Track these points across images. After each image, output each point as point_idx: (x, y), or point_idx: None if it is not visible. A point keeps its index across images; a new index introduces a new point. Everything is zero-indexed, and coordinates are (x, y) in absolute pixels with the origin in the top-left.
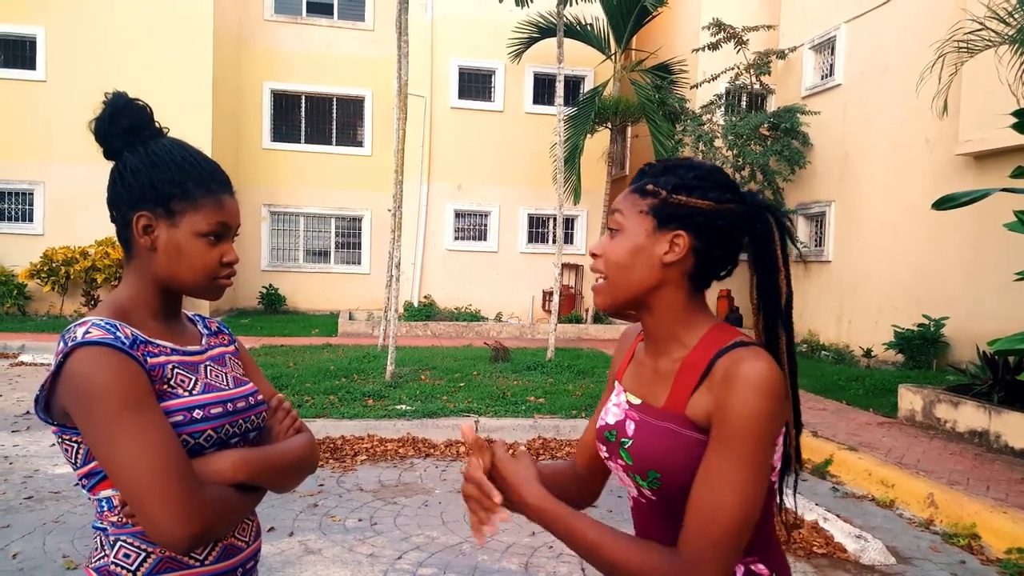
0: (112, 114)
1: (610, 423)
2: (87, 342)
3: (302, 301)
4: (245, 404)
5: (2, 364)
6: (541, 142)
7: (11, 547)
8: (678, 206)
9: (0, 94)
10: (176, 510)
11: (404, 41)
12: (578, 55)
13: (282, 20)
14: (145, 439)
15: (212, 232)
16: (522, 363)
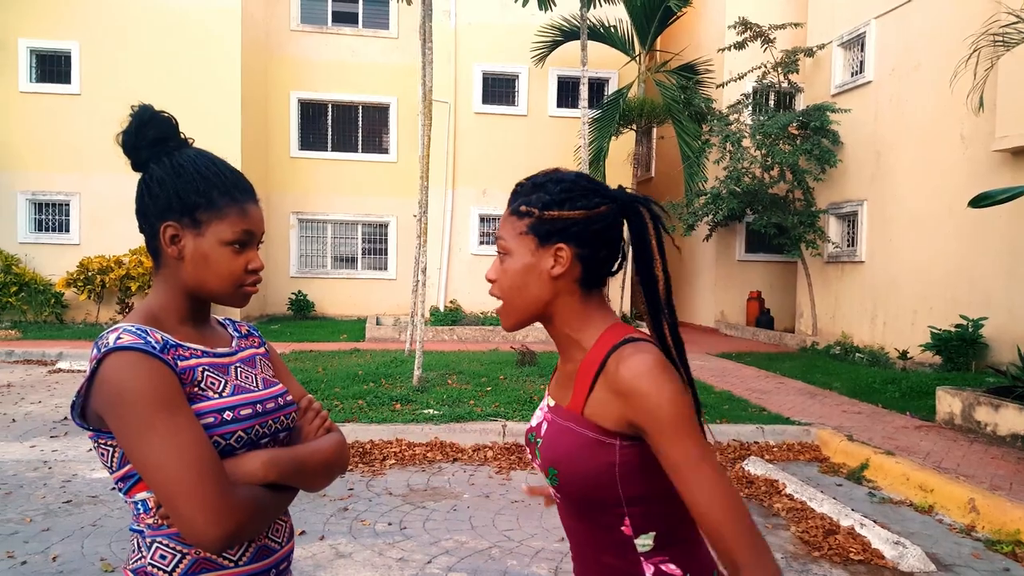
0: (139, 126)
1: (532, 426)
2: (119, 347)
3: (330, 307)
4: (274, 405)
5: (40, 371)
6: (565, 145)
7: (51, 550)
8: (553, 221)
9: (38, 108)
10: (209, 510)
11: (428, 48)
12: (602, 57)
13: (308, 30)
14: (177, 441)
15: (237, 240)
16: (549, 367)
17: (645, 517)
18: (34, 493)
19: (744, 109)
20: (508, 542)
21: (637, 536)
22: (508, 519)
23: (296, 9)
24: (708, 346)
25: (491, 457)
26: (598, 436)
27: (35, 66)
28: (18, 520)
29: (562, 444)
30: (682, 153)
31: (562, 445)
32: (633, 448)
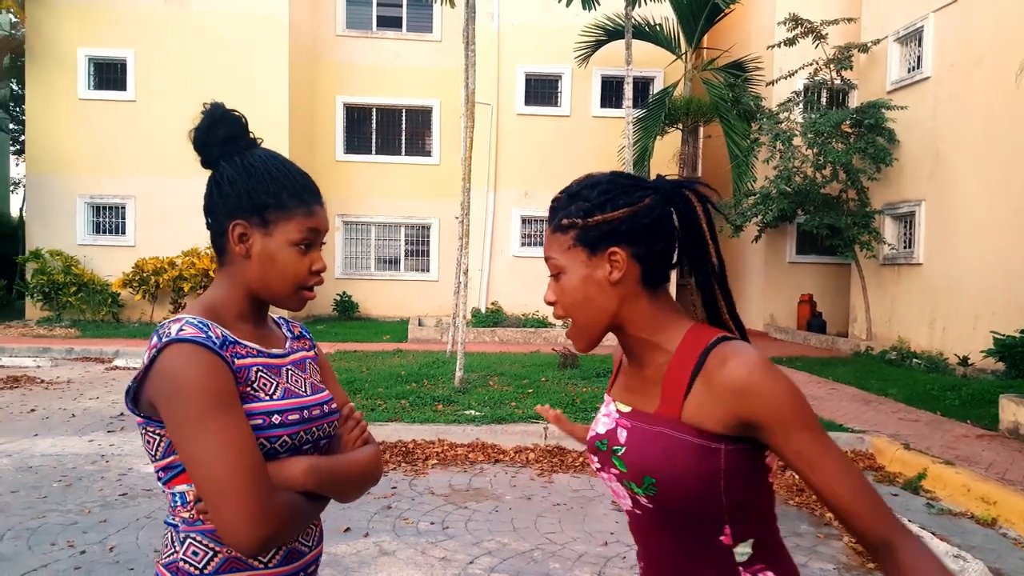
0: (210, 124)
1: (600, 433)
2: (180, 339)
3: (374, 308)
4: (320, 412)
5: (98, 368)
6: (609, 146)
7: (108, 540)
8: (599, 226)
9: (95, 114)
10: (249, 513)
11: (471, 51)
12: (647, 56)
13: (353, 35)
14: (226, 439)
15: (304, 241)
16: (591, 370)
17: (745, 524)
18: (92, 485)
19: (795, 107)
20: (550, 545)
21: (736, 545)
22: (550, 522)
23: (341, 15)
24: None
25: (533, 459)
26: (702, 441)
27: (93, 74)
28: (77, 511)
29: (658, 451)
30: (730, 152)
31: (658, 452)
32: (738, 452)
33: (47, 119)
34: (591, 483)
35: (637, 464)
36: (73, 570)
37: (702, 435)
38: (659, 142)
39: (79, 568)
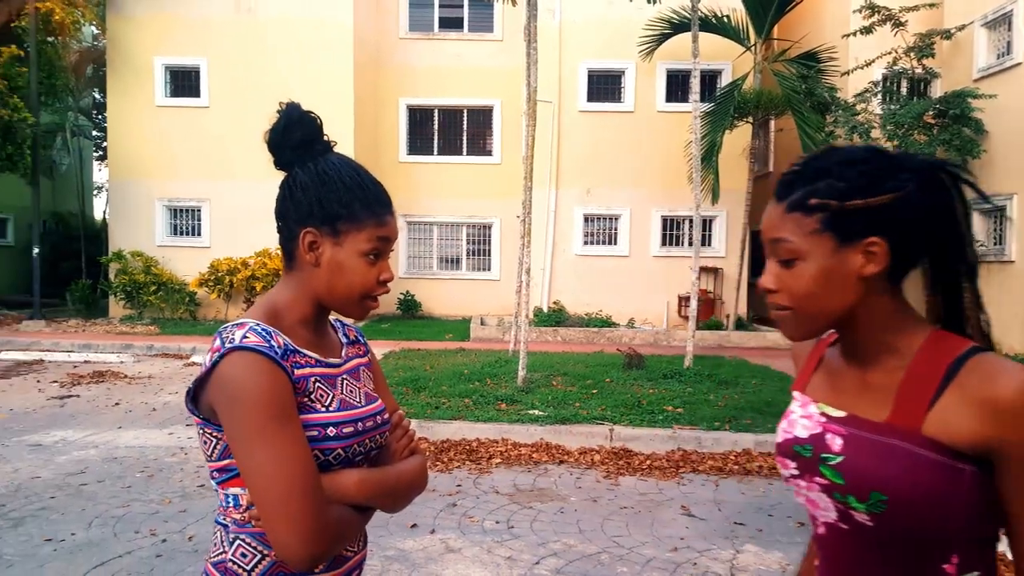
0: (286, 125)
1: (801, 436)
2: (243, 347)
3: (436, 307)
4: (372, 424)
5: (176, 364)
6: (675, 141)
7: (187, 530)
8: (858, 212)
9: (172, 120)
10: (302, 530)
11: (533, 48)
12: (714, 48)
13: (416, 37)
14: (284, 453)
15: (373, 251)
16: (657, 371)
17: (971, 554)
18: (172, 476)
19: (872, 98)
20: (617, 548)
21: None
22: (617, 525)
23: (404, 18)
24: None
25: (598, 461)
26: (946, 459)
27: (168, 82)
28: (159, 501)
29: (894, 466)
30: (803, 146)
31: (894, 468)
32: (984, 476)
33: (127, 126)
34: (659, 486)
35: (861, 477)
36: (155, 557)
37: (945, 452)
38: (728, 136)
39: (160, 556)
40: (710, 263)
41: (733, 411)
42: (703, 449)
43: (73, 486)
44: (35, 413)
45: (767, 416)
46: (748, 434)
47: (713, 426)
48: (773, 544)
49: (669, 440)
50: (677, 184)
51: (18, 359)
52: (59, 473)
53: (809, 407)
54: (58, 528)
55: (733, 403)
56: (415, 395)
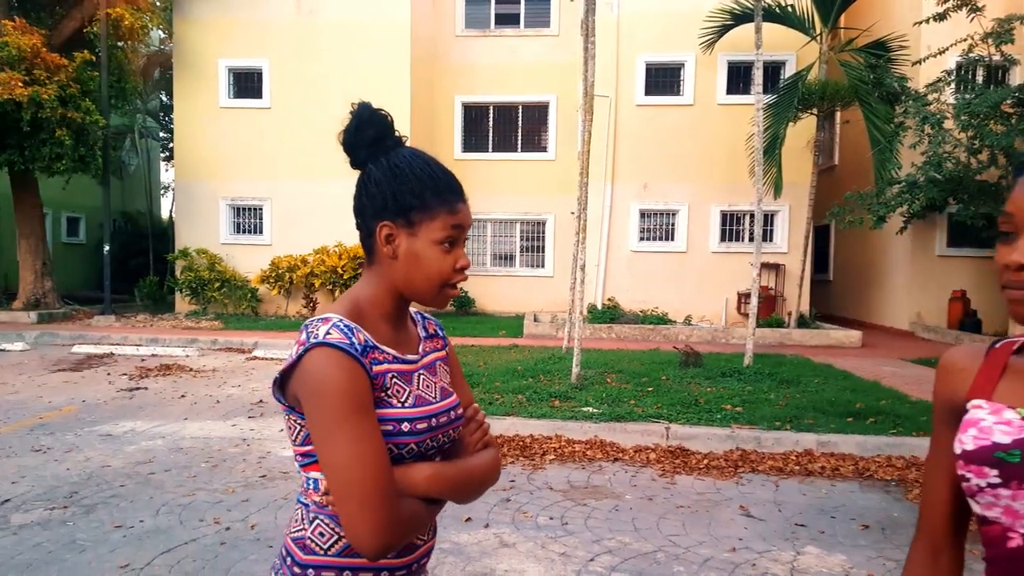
0: (358, 125)
1: (1002, 443)
2: (326, 343)
3: (489, 303)
4: (447, 419)
5: (239, 358)
6: (735, 134)
7: (250, 519)
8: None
9: (235, 121)
10: (374, 521)
11: (591, 43)
12: (777, 39)
13: (472, 35)
14: (359, 446)
15: (447, 238)
16: (715, 369)
17: None
18: (235, 467)
19: (945, 87)
20: (674, 547)
21: None
22: (673, 524)
23: (460, 16)
24: (902, 351)
25: (654, 459)
26: None
27: (232, 83)
28: (222, 490)
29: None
30: (871, 138)
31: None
32: None
33: (192, 127)
34: (716, 486)
35: None
36: (219, 545)
37: None
38: (791, 129)
39: (224, 544)
40: (771, 259)
41: (794, 411)
42: (763, 449)
43: (141, 475)
44: (106, 404)
45: (830, 416)
46: (810, 434)
47: (773, 426)
48: (835, 546)
49: (727, 439)
50: (737, 178)
51: (90, 352)
52: (128, 462)
53: (1005, 413)
54: (127, 515)
55: (794, 402)
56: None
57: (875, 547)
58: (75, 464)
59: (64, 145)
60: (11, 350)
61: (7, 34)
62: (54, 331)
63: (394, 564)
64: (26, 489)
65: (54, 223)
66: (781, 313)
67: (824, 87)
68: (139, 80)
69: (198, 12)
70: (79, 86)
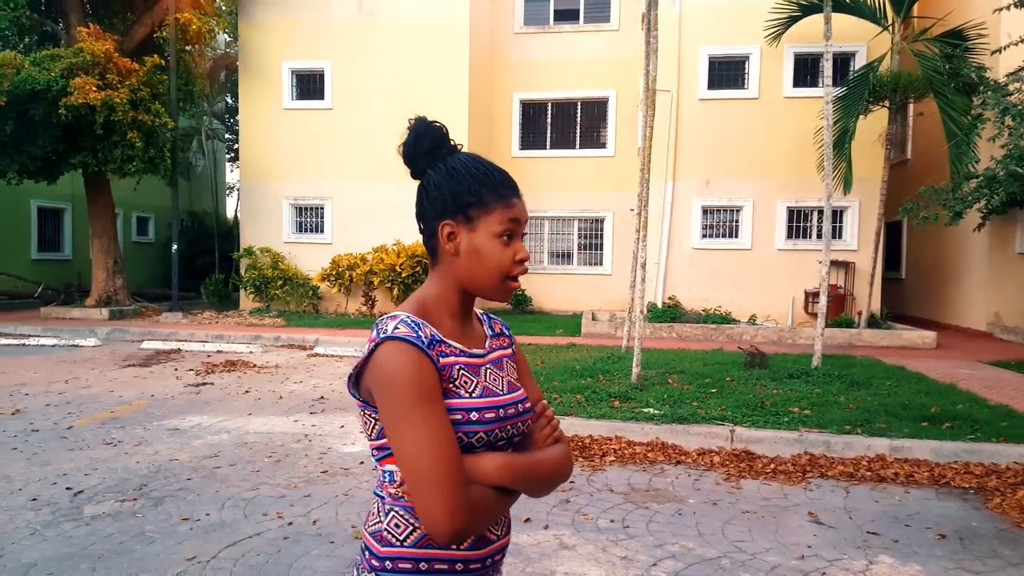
0: (416, 138)
1: None
2: (395, 337)
3: (547, 301)
4: (515, 411)
5: (301, 355)
6: (802, 128)
7: (312, 514)
8: None
9: (298, 122)
10: (448, 505)
11: (653, 37)
12: (847, 29)
13: (531, 31)
14: (429, 433)
15: (505, 231)
16: (782, 370)
17: None
18: (297, 462)
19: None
20: (739, 553)
21: None
22: (739, 529)
23: (519, 12)
24: (979, 353)
25: (718, 463)
26: None
27: (295, 85)
28: (285, 485)
29: None
30: (947, 131)
31: None
32: None
33: (257, 128)
34: (784, 491)
35: None
36: (282, 539)
37: None
38: (861, 122)
39: (287, 538)
40: (841, 256)
41: (865, 414)
42: (832, 453)
43: (207, 469)
44: (173, 399)
45: (903, 420)
46: (882, 439)
47: (843, 429)
48: (910, 556)
49: (795, 443)
50: (804, 174)
51: (158, 348)
52: (195, 456)
53: None
54: (194, 508)
55: (865, 405)
56: None
57: (953, 558)
58: (144, 457)
59: (135, 147)
60: (84, 346)
61: (82, 40)
62: (124, 327)
63: (469, 556)
64: (98, 481)
65: (125, 223)
66: (850, 313)
67: (897, 78)
68: (206, 83)
69: (262, 15)
70: (149, 90)
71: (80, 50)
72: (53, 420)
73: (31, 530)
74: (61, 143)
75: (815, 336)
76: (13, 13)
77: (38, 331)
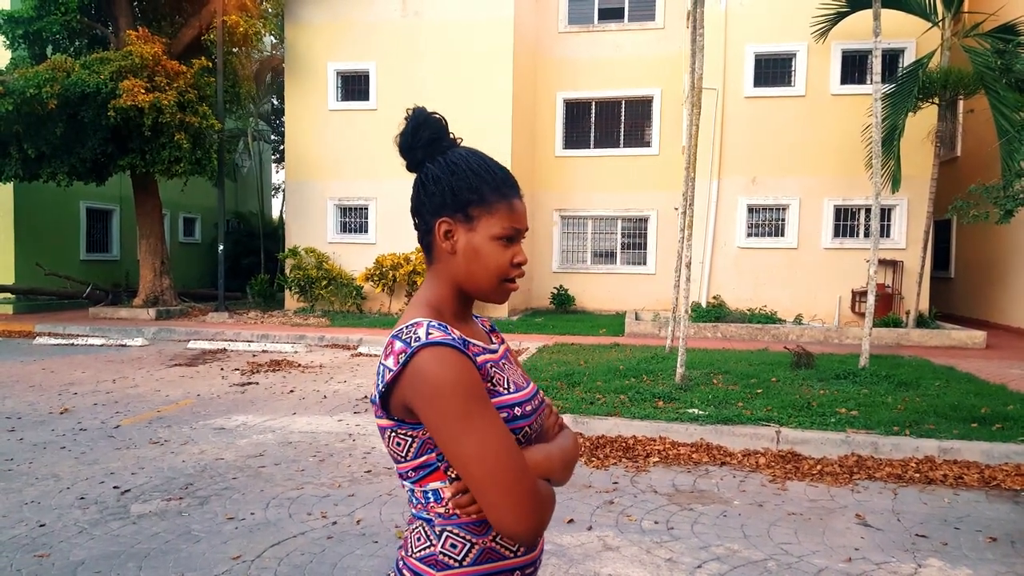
0: (414, 128)
1: None
2: (432, 343)
3: (589, 301)
4: (539, 402)
5: (344, 355)
6: (850, 126)
7: (356, 513)
8: None
9: (343, 123)
10: (523, 503)
11: (699, 34)
12: (895, 26)
13: (575, 30)
14: (491, 435)
15: (505, 235)
16: (828, 370)
17: None
18: (341, 462)
19: None
20: (786, 556)
21: None
22: (785, 532)
23: (564, 11)
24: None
25: (763, 464)
26: None
27: (340, 86)
28: (329, 484)
29: None
30: (998, 127)
31: None
32: None
33: (302, 129)
34: (830, 493)
35: None
36: (326, 539)
37: None
38: (910, 119)
39: (331, 538)
40: (888, 255)
41: (914, 415)
42: (880, 455)
43: (252, 468)
44: (219, 399)
45: (952, 421)
46: (931, 440)
47: (891, 431)
48: (960, 560)
49: (842, 444)
50: (852, 172)
51: (204, 348)
52: (240, 455)
53: None
54: (239, 507)
55: (914, 406)
56: (569, 390)
57: (1004, 562)
58: (190, 456)
59: (182, 148)
60: (131, 345)
61: (131, 43)
62: (171, 327)
63: (525, 562)
64: (145, 480)
65: (172, 223)
66: (898, 312)
67: (947, 75)
68: (252, 85)
69: (308, 17)
70: (196, 92)
71: (129, 53)
72: (101, 419)
73: (79, 528)
74: (110, 145)
75: (862, 336)
76: (64, 17)
77: (86, 331)
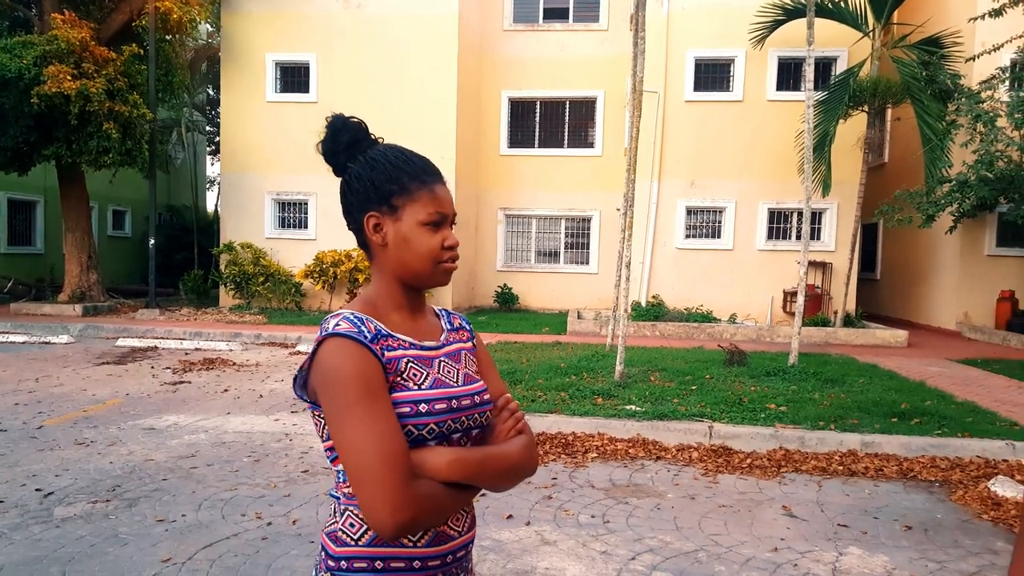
0: (334, 133)
1: None
2: (336, 333)
3: (533, 300)
4: (470, 402)
5: (282, 353)
6: (785, 131)
7: (292, 514)
8: None
9: (282, 115)
10: (389, 500)
11: (641, 38)
12: (829, 35)
13: (520, 28)
14: (371, 428)
15: (431, 220)
16: (760, 368)
17: None
18: (277, 462)
19: (1000, 84)
20: (716, 547)
21: None
22: (715, 523)
23: (509, 9)
24: (948, 351)
25: (696, 458)
26: None
27: (279, 77)
28: (265, 485)
29: None
30: (922, 136)
31: None
32: None
33: (239, 120)
34: (759, 486)
35: None
36: (260, 540)
37: None
38: (841, 126)
39: (266, 538)
40: (819, 257)
41: (839, 410)
42: (806, 449)
43: (184, 469)
44: (149, 398)
45: (875, 416)
46: (854, 434)
47: (817, 425)
48: (878, 547)
49: (771, 439)
50: (786, 176)
51: (134, 346)
52: (171, 456)
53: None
54: (170, 509)
55: (839, 402)
56: (511, 388)
57: (918, 548)
58: (118, 458)
59: (111, 138)
60: (56, 343)
61: (57, 27)
62: (99, 324)
63: (427, 553)
64: (69, 482)
65: (100, 216)
66: (827, 312)
67: (876, 84)
68: (186, 74)
69: (246, 6)
70: (127, 80)
71: (54, 37)
72: (22, 420)
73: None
74: (33, 133)
75: (792, 335)
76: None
77: (7, 327)
